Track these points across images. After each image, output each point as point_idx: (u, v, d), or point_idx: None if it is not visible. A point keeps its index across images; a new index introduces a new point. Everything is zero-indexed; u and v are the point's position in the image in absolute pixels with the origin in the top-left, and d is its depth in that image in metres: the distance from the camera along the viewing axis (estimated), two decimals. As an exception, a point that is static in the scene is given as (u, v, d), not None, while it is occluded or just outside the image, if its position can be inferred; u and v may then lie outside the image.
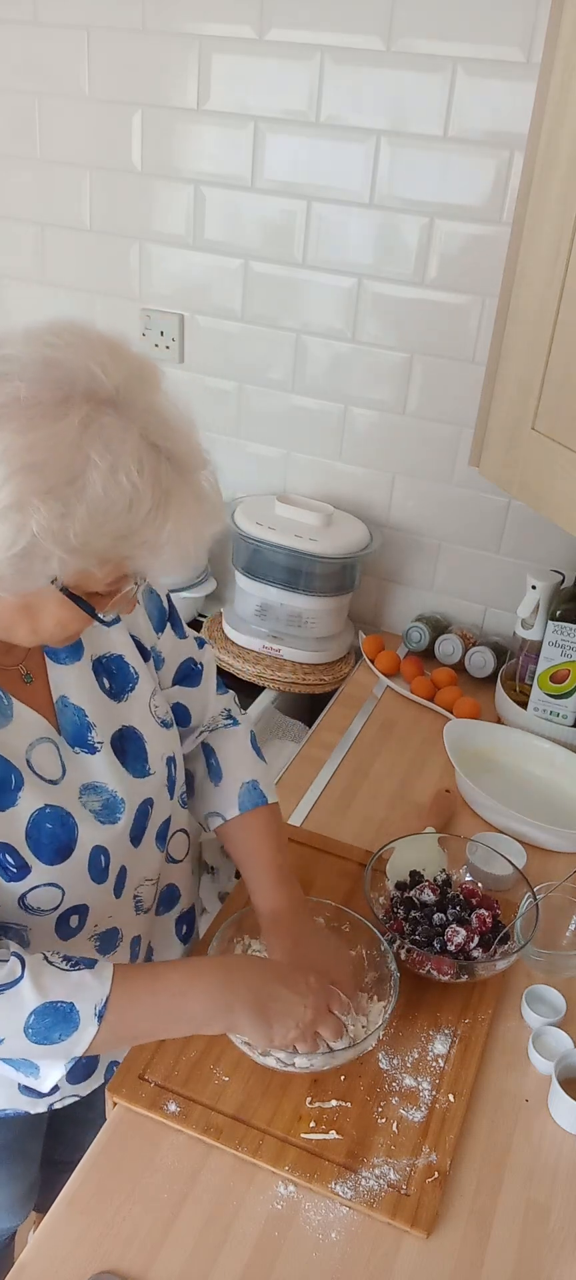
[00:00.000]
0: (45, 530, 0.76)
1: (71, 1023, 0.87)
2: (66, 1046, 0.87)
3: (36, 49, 1.95)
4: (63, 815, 0.94)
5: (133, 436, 0.79)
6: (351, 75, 1.74)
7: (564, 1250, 0.91)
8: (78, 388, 0.78)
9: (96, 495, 0.76)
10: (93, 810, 0.98)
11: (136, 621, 1.09)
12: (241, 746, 1.20)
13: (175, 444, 0.83)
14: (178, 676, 1.16)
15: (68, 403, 0.77)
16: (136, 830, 1.03)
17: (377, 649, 1.94)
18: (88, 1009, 0.87)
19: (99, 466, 0.76)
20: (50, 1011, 0.86)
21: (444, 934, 1.16)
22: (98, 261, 2.07)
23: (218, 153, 1.89)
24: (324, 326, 1.93)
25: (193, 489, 0.84)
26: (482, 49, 1.63)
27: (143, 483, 0.79)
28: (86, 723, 1.00)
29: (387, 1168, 0.95)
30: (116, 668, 1.05)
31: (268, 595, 1.94)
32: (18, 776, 0.92)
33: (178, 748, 1.12)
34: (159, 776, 1.06)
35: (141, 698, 1.06)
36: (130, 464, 0.78)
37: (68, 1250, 0.88)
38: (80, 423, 0.76)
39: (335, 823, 1.46)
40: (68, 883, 0.95)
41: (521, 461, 1.43)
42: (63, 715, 0.99)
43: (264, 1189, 0.93)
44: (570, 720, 1.68)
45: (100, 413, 0.78)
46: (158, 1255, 0.88)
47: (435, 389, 1.88)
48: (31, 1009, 0.86)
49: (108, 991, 0.88)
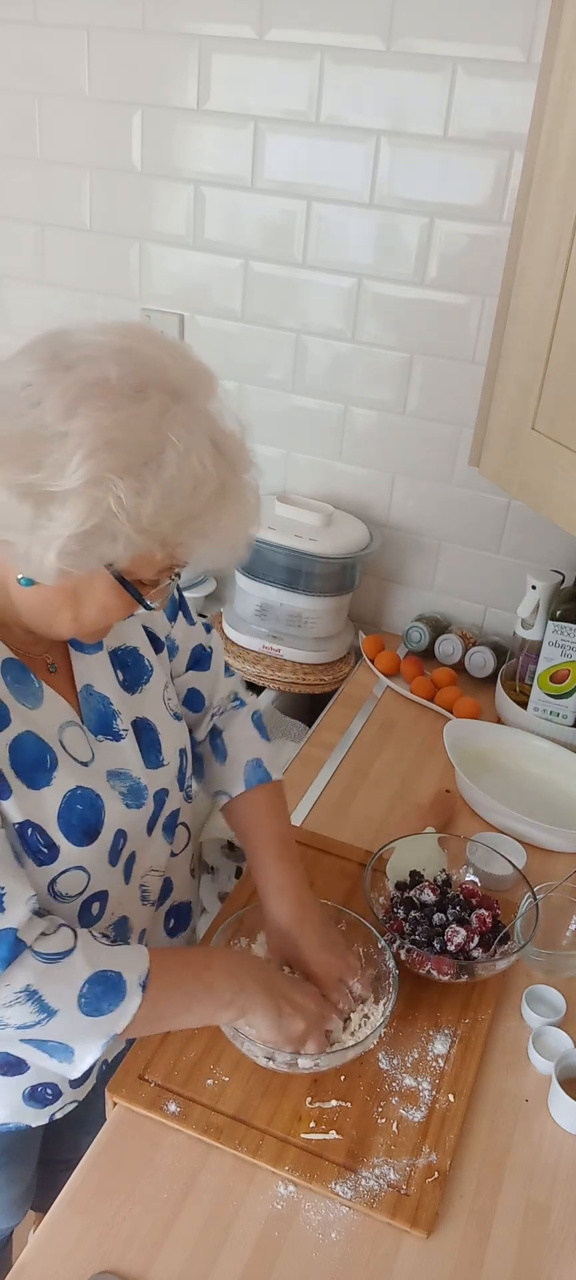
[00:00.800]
0: (120, 506, 0.79)
1: (120, 992, 0.89)
2: (112, 1019, 0.89)
3: (36, 49, 1.95)
4: (93, 797, 0.96)
5: (200, 427, 0.84)
6: (351, 75, 1.74)
7: (564, 1250, 0.91)
8: (153, 377, 0.83)
9: (171, 476, 0.80)
10: (121, 793, 1.00)
11: (151, 614, 1.10)
12: (247, 726, 1.22)
13: (229, 443, 0.88)
14: (190, 662, 1.19)
15: (147, 388, 0.82)
16: (152, 820, 1.05)
17: (377, 649, 1.94)
18: (134, 979, 0.91)
19: (176, 447, 0.81)
20: (101, 980, 0.89)
21: (444, 934, 1.16)
22: (98, 261, 2.07)
23: (218, 153, 1.89)
24: (324, 326, 1.93)
25: (243, 488, 0.89)
26: (482, 49, 1.63)
27: (209, 470, 0.83)
28: (111, 710, 1.02)
29: (387, 1168, 0.95)
30: (132, 660, 1.07)
31: (267, 595, 1.94)
32: (52, 756, 0.93)
33: (187, 741, 1.14)
34: (172, 767, 1.08)
35: (155, 689, 1.08)
36: (201, 450, 0.83)
37: (68, 1250, 0.88)
38: (159, 407, 0.81)
39: (335, 823, 1.46)
40: (93, 866, 0.97)
41: (521, 461, 1.43)
42: (86, 704, 1.01)
43: (264, 1189, 0.93)
44: (570, 720, 1.68)
45: (173, 402, 0.83)
46: (158, 1255, 0.88)
47: (435, 389, 1.88)
48: (86, 977, 0.88)
49: (148, 963, 0.92)
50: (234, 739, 1.21)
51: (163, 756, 1.06)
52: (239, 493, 0.88)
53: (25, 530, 0.80)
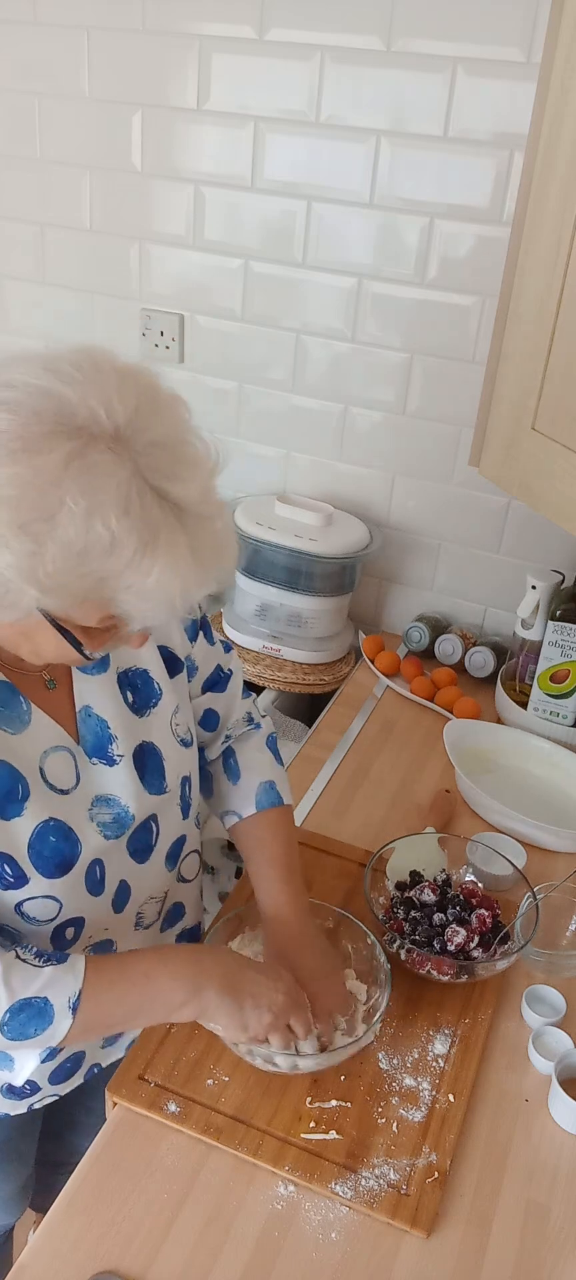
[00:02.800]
0: (14, 567, 0.74)
1: (46, 1017, 0.88)
2: (42, 1039, 0.89)
3: (36, 49, 1.95)
4: (66, 830, 0.94)
5: (122, 476, 0.76)
6: (351, 75, 1.74)
7: (564, 1250, 0.91)
8: (72, 422, 0.76)
9: (69, 537, 0.74)
10: (101, 823, 0.98)
11: (171, 633, 1.08)
12: (260, 749, 1.21)
13: (181, 487, 0.79)
14: (207, 684, 1.17)
15: (55, 437, 0.75)
16: (137, 845, 1.03)
17: (377, 649, 1.94)
18: (61, 1002, 0.89)
19: (72, 510, 0.74)
20: (24, 1007, 0.88)
21: (444, 934, 1.16)
22: (98, 261, 2.07)
23: (218, 153, 1.89)
24: (324, 326, 1.93)
25: (191, 537, 0.80)
26: (482, 49, 1.63)
27: (125, 527, 0.75)
28: (108, 734, 0.99)
29: (387, 1168, 0.95)
30: (141, 683, 1.04)
31: (268, 595, 1.94)
32: (25, 787, 0.91)
33: (195, 768, 1.12)
34: (174, 794, 1.06)
35: (163, 714, 1.05)
36: (111, 508, 0.75)
37: (68, 1250, 0.88)
38: (64, 459, 0.74)
39: (335, 823, 1.46)
40: (66, 896, 0.95)
41: (521, 461, 1.43)
42: (84, 725, 0.98)
43: (264, 1189, 0.93)
44: (570, 720, 1.68)
45: (90, 450, 0.75)
46: (158, 1255, 0.88)
47: (435, 389, 1.88)
48: (6, 1007, 0.87)
49: (80, 984, 0.90)
50: (247, 761, 1.19)
51: (165, 783, 1.04)
52: (182, 545, 0.79)
53: None
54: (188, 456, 0.81)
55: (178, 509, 0.79)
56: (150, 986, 0.94)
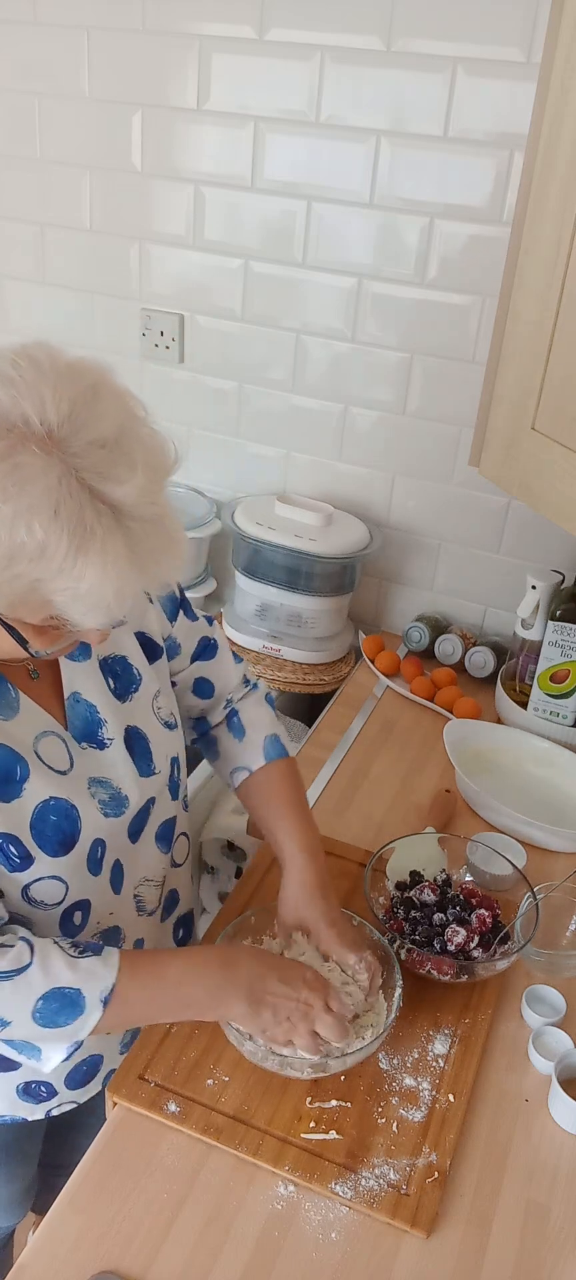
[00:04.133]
0: None
1: (78, 1008, 0.89)
2: (72, 1030, 0.90)
3: (36, 49, 1.95)
4: (67, 807, 0.95)
5: (51, 477, 0.74)
6: (351, 75, 1.73)
7: (564, 1250, 0.91)
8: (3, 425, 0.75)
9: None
10: (100, 801, 0.99)
11: (147, 618, 1.09)
12: (261, 705, 1.24)
13: (118, 488, 0.77)
14: (195, 654, 1.19)
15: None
16: (135, 826, 1.04)
17: (377, 649, 1.94)
18: (94, 995, 0.90)
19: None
20: (57, 996, 0.89)
21: (444, 934, 1.16)
22: (98, 261, 2.07)
23: (218, 153, 1.89)
24: (324, 326, 1.93)
25: (129, 539, 0.78)
26: (482, 49, 1.63)
27: (54, 531, 0.74)
28: (98, 719, 1.01)
29: (387, 1168, 0.95)
30: (121, 669, 1.05)
31: (268, 595, 1.94)
32: (23, 767, 0.92)
33: (182, 749, 1.13)
34: (162, 776, 1.07)
35: (144, 699, 1.07)
36: (39, 511, 0.73)
37: (68, 1250, 0.88)
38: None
39: (335, 823, 1.46)
40: (71, 877, 0.96)
41: (521, 461, 1.43)
42: (73, 711, 1.00)
43: (264, 1189, 0.93)
44: (570, 720, 1.68)
45: (18, 452, 0.74)
46: (158, 1255, 0.88)
47: (435, 389, 1.88)
48: (40, 994, 0.88)
49: (114, 979, 0.91)
50: (250, 718, 1.22)
51: (154, 765, 1.06)
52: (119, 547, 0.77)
53: None
54: (127, 457, 0.78)
55: (115, 510, 0.77)
56: (180, 994, 0.96)
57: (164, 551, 0.82)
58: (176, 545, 0.84)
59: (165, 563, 0.82)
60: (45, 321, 2.15)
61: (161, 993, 0.95)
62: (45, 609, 0.79)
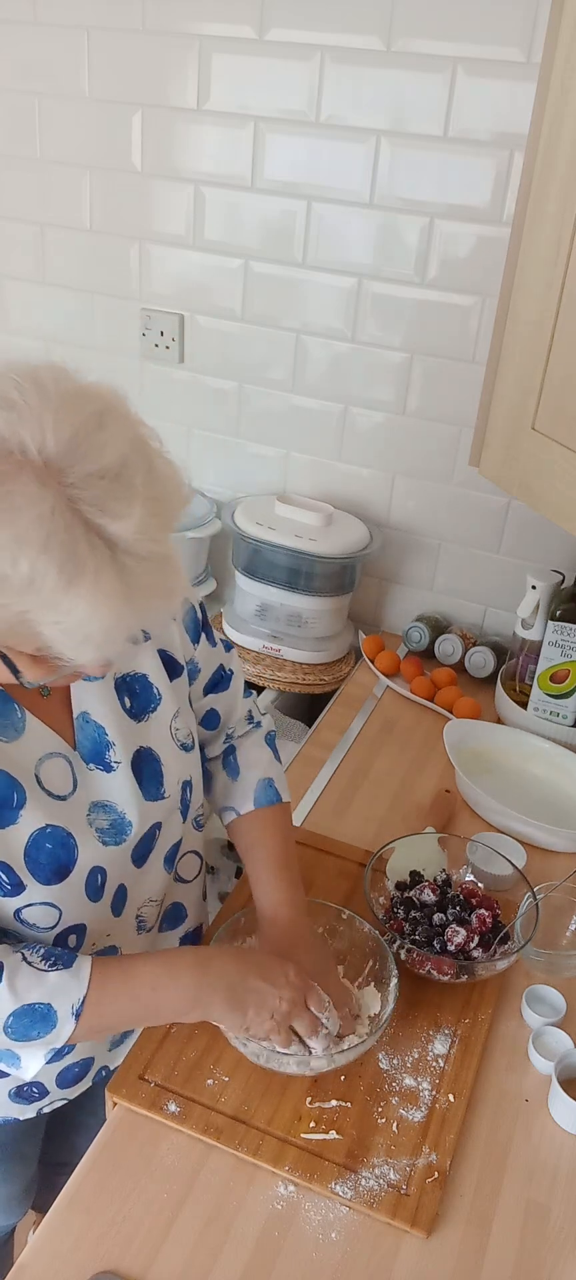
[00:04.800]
0: None
1: (49, 1022, 0.89)
2: (46, 1041, 0.90)
3: (36, 49, 1.95)
4: (64, 836, 0.93)
5: (44, 508, 0.71)
6: (351, 75, 1.73)
7: (564, 1250, 0.91)
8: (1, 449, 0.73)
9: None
10: (99, 829, 0.97)
11: (171, 637, 1.06)
12: (260, 746, 1.21)
13: (116, 523, 0.74)
14: (209, 685, 1.16)
15: None
16: (140, 852, 1.03)
17: (377, 649, 1.94)
18: (65, 1009, 0.90)
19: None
20: (28, 1013, 0.89)
21: (444, 934, 1.16)
22: (98, 261, 2.07)
23: (218, 153, 1.89)
24: (324, 326, 1.93)
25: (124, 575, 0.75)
26: (482, 49, 1.63)
27: (42, 564, 0.71)
28: (106, 740, 0.98)
29: (387, 1168, 0.95)
30: (140, 687, 1.02)
31: (268, 595, 1.94)
32: (20, 794, 0.91)
33: (196, 771, 1.11)
34: (172, 800, 1.05)
35: (162, 719, 1.04)
36: (28, 542, 0.71)
37: (68, 1250, 0.88)
38: None
39: (335, 823, 1.46)
40: (65, 903, 0.95)
41: (521, 461, 1.43)
42: (81, 731, 0.97)
43: (264, 1189, 0.93)
44: (570, 720, 1.68)
45: (12, 479, 0.72)
46: (158, 1255, 0.88)
47: (435, 389, 1.88)
48: (9, 1011, 0.88)
49: (85, 991, 0.90)
50: (247, 758, 1.19)
51: (163, 789, 1.03)
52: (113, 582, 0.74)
53: None
54: (128, 490, 0.75)
55: (111, 544, 0.74)
56: (155, 997, 0.95)
57: (161, 590, 0.78)
58: (176, 585, 0.80)
59: (159, 604, 0.79)
60: (45, 321, 2.15)
61: (135, 999, 0.94)
62: (36, 640, 0.76)
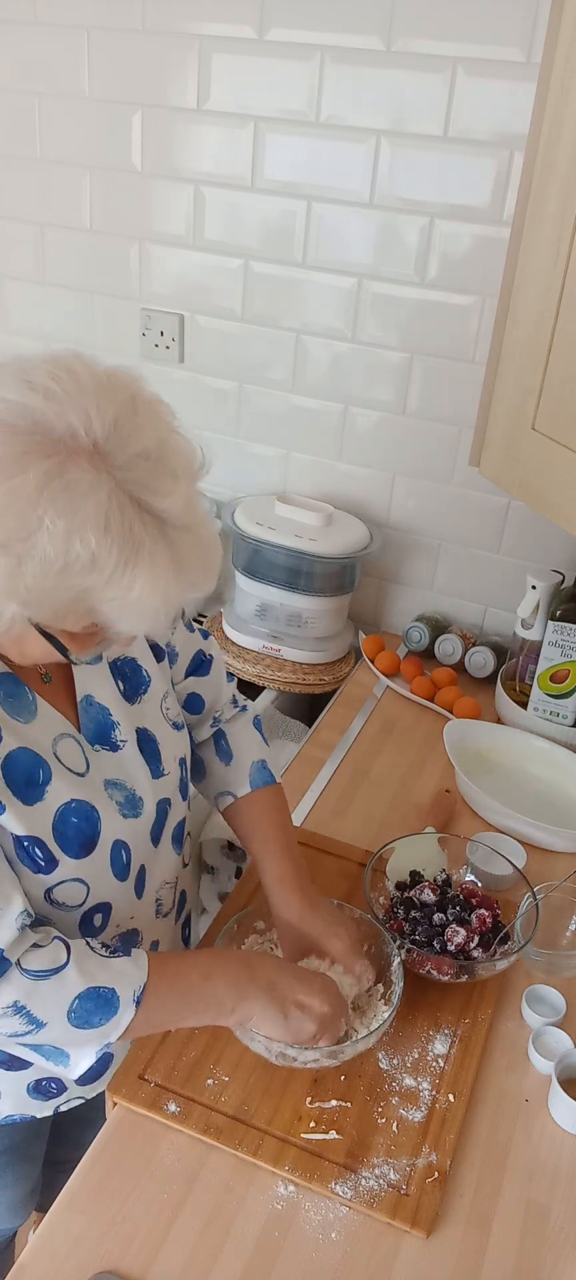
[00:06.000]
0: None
1: (112, 1007, 0.89)
2: (104, 1030, 0.89)
3: (36, 49, 1.95)
4: (87, 809, 0.96)
5: (102, 492, 0.75)
6: (351, 75, 1.73)
7: (564, 1250, 0.91)
8: (49, 438, 0.76)
9: (48, 556, 0.74)
10: (117, 803, 1.00)
11: None
12: (249, 730, 1.24)
13: (163, 499, 0.79)
14: (190, 668, 1.19)
15: (31, 455, 0.75)
16: (156, 829, 1.05)
17: (377, 649, 1.94)
18: (127, 995, 0.90)
19: (51, 530, 0.74)
20: (93, 996, 0.89)
21: (444, 934, 1.16)
22: (98, 261, 2.07)
23: (218, 153, 1.89)
24: (324, 326, 1.93)
25: (174, 548, 0.80)
26: (482, 49, 1.63)
27: (105, 545, 0.75)
28: (111, 721, 1.01)
29: (387, 1168, 0.95)
30: (131, 670, 1.06)
31: (268, 595, 1.94)
32: (46, 770, 0.93)
33: (188, 750, 1.14)
34: (173, 777, 1.08)
35: (154, 700, 1.07)
36: (91, 525, 0.75)
37: (68, 1250, 0.88)
38: (42, 478, 0.74)
39: (335, 823, 1.46)
40: (92, 879, 0.96)
41: (521, 461, 1.43)
42: (86, 714, 1.00)
43: (264, 1189, 0.93)
44: (570, 720, 1.68)
45: (68, 467, 0.75)
46: (158, 1255, 0.88)
47: (435, 389, 1.88)
48: (76, 993, 0.88)
49: (145, 977, 0.91)
50: (238, 742, 1.21)
51: (163, 766, 1.06)
52: (165, 558, 0.79)
53: None
54: (170, 467, 0.80)
55: (160, 521, 0.79)
56: (207, 988, 0.95)
57: (206, 558, 0.84)
58: (216, 552, 0.86)
59: (205, 569, 0.84)
60: (45, 321, 2.15)
61: (188, 988, 0.95)
62: (90, 617, 0.81)
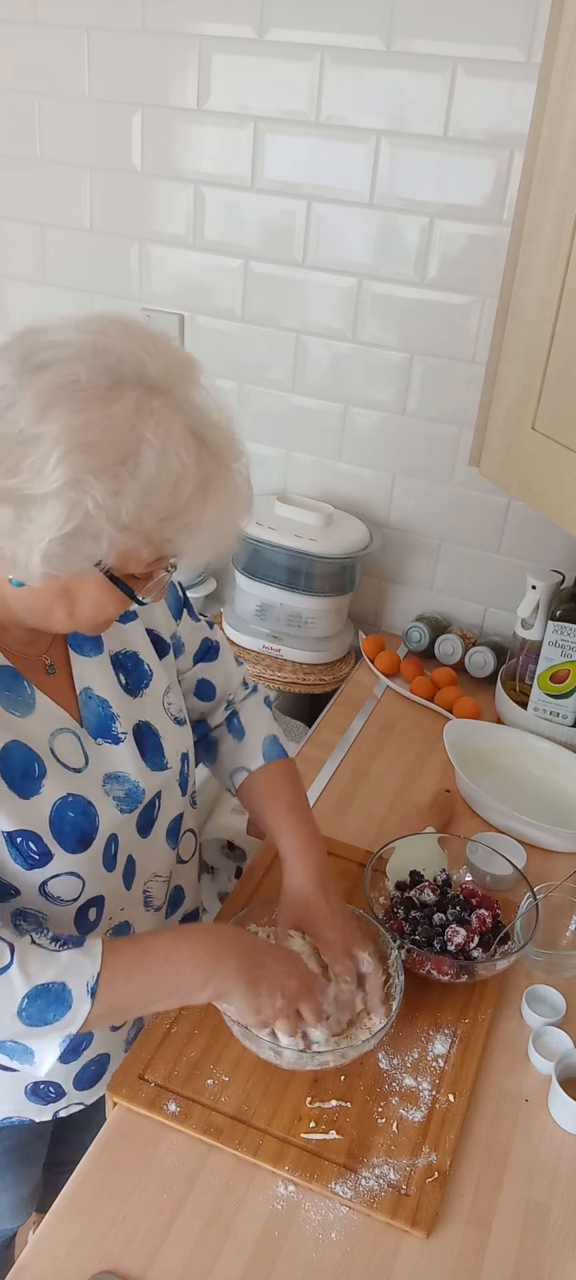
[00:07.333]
0: (99, 507, 0.78)
1: (64, 1002, 0.86)
2: (60, 1025, 0.87)
3: (36, 49, 1.95)
4: (85, 804, 0.96)
5: (179, 420, 0.82)
6: (351, 75, 1.74)
7: (564, 1250, 0.91)
8: (128, 373, 0.81)
9: (149, 474, 0.80)
10: (116, 798, 1.00)
11: (155, 615, 1.11)
12: (260, 708, 1.26)
13: (214, 434, 0.86)
14: (198, 655, 1.21)
15: (120, 386, 0.80)
16: (144, 820, 1.05)
17: (377, 649, 1.94)
18: (80, 987, 0.87)
19: (152, 445, 0.80)
20: (42, 994, 0.86)
21: (444, 934, 1.16)
22: (98, 261, 2.07)
23: (218, 153, 1.89)
24: (324, 326, 1.93)
25: (229, 478, 0.87)
26: (482, 49, 1.63)
27: (189, 464, 0.82)
28: (111, 714, 1.02)
29: (387, 1168, 0.95)
30: (132, 664, 1.07)
31: (268, 595, 1.94)
32: (41, 765, 0.93)
33: (191, 745, 1.14)
34: (174, 770, 1.08)
35: (155, 694, 1.08)
36: (181, 444, 0.81)
37: (68, 1250, 0.88)
38: (134, 404, 0.80)
39: (335, 823, 1.46)
40: (88, 873, 0.96)
41: (521, 461, 1.43)
42: (86, 707, 1.01)
43: (264, 1189, 0.93)
44: (570, 720, 1.68)
45: (150, 397, 0.81)
46: (158, 1255, 0.88)
47: (435, 389, 1.88)
48: (23, 993, 0.85)
49: (98, 968, 0.88)
50: (249, 719, 1.24)
51: (165, 759, 1.07)
52: (224, 485, 0.87)
53: (8, 534, 0.80)
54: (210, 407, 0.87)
55: (218, 454, 0.86)
56: (169, 969, 0.92)
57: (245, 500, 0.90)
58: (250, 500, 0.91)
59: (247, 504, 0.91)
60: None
61: (149, 973, 0.92)
62: (161, 548, 0.86)
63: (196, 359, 0.89)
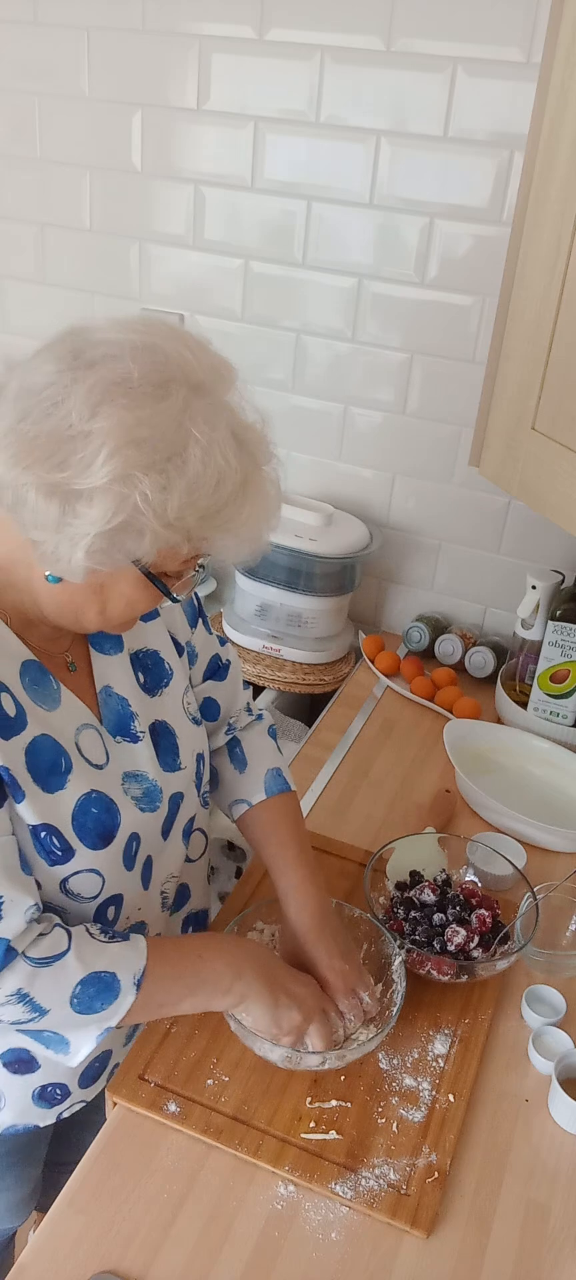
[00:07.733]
0: (147, 502, 0.79)
1: (113, 992, 0.90)
2: (105, 1015, 0.90)
3: (36, 49, 1.95)
4: (107, 801, 0.96)
5: (222, 421, 0.84)
6: (351, 75, 1.74)
7: (564, 1250, 0.91)
8: (176, 373, 0.83)
9: (195, 471, 0.81)
10: (134, 797, 1.01)
11: (174, 618, 1.12)
12: (264, 738, 1.24)
13: (249, 434, 0.88)
14: (207, 672, 1.20)
15: (169, 384, 0.82)
16: (167, 822, 1.06)
17: (377, 649, 1.94)
18: (127, 978, 0.91)
19: (199, 442, 0.81)
20: (94, 981, 0.89)
21: (444, 934, 1.16)
22: (98, 261, 2.07)
23: (218, 153, 1.89)
24: (324, 326, 1.93)
25: (264, 480, 0.89)
26: (482, 49, 1.63)
27: (232, 463, 0.84)
28: (130, 712, 1.02)
29: (387, 1168, 0.95)
30: (152, 663, 1.07)
31: (268, 595, 1.94)
32: (67, 760, 0.94)
33: (206, 746, 1.15)
34: (189, 771, 1.08)
35: (175, 694, 1.08)
36: (223, 444, 0.83)
37: (68, 1250, 0.88)
38: (181, 403, 0.82)
39: (335, 823, 1.46)
40: (108, 871, 0.97)
41: (521, 461, 1.43)
42: (106, 705, 1.01)
43: (264, 1189, 0.93)
44: (570, 720, 1.68)
45: (196, 396, 0.83)
46: (158, 1255, 0.88)
47: (435, 389, 1.88)
48: (78, 979, 0.89)
49: (144, 961, 0.92)
50: (253, 749, 1.22)
51: (180, 760, 1.07)
52: (260, 485, 0.89)
53: (53, 529, 0.81)
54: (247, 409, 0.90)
55: (251, 454, 0.88)
56: (203, 967, 0.96)
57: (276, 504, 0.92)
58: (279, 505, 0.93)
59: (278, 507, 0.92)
60: (45, 321, 2.14)
61: (185, 970, 0.96)
62: (200, 545, 0.87)
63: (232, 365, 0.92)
